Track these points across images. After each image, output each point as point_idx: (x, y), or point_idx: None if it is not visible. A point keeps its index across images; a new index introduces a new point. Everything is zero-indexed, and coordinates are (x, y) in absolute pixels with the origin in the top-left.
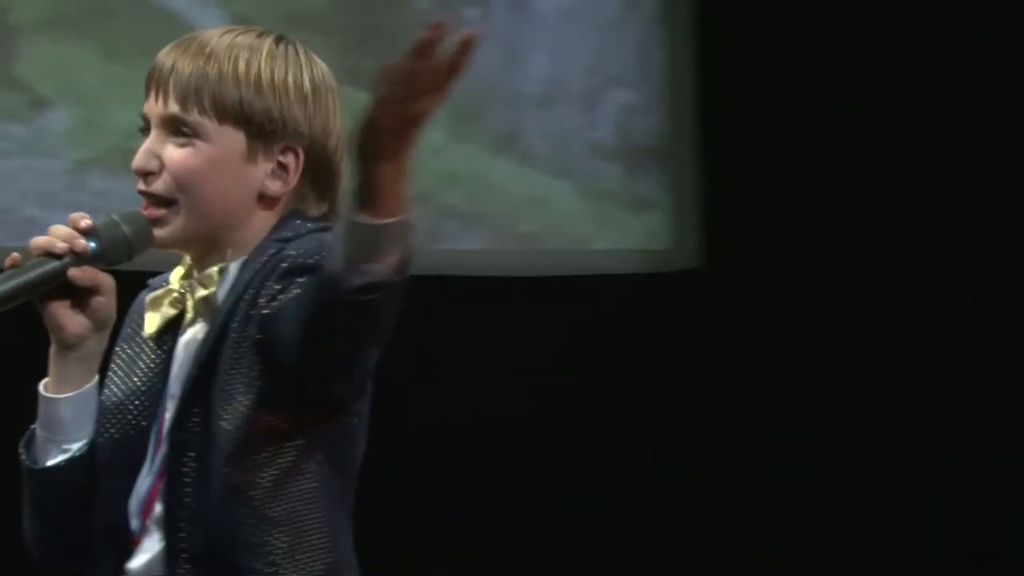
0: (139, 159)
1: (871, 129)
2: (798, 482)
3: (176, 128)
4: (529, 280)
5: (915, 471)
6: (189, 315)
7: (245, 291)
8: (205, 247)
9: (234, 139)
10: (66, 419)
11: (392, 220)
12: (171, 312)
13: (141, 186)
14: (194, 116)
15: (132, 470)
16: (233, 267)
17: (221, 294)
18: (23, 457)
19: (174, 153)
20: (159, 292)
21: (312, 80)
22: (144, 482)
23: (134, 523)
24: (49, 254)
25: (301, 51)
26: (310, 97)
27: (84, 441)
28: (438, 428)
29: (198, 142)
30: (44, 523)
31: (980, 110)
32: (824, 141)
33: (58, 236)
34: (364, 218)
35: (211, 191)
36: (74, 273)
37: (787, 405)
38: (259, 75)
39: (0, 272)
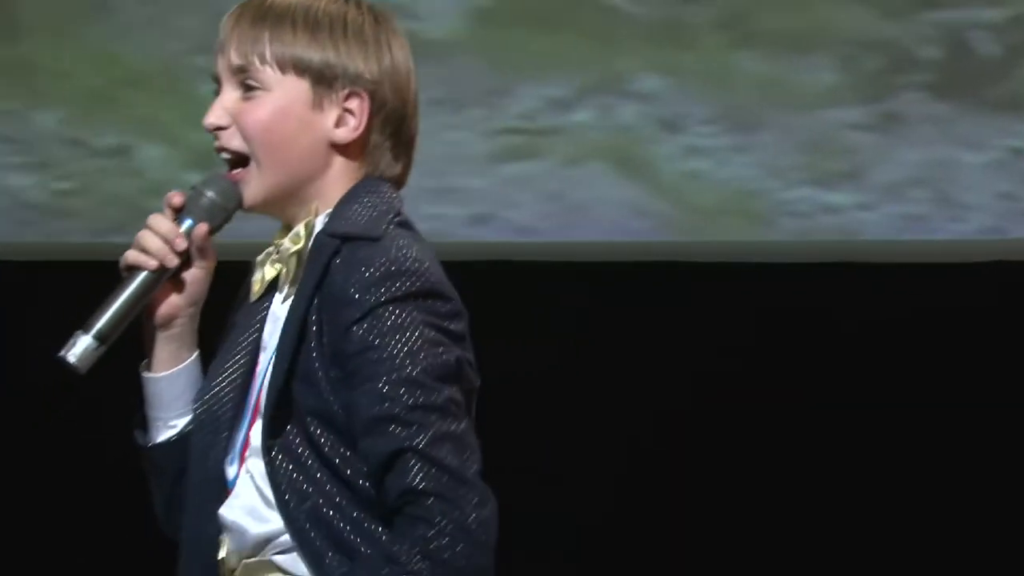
0: (209, 115)
1: None
2: None
3: (242, 82)
4: None
5: None
6: (284, 272)
7: (325, 273)
8: (291, 203)
9: (297, 87)
10: (168, 397)
11: None
12: (272, 272)
13: (216, 144)
14: (256, 67)
15: (225, 427)
16: (319, 221)
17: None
18: (136, 438)
19: (241, 105)
20: (262, 254)
21: (371, 26)
22: (239, 434)
23: (231, 472)
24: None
25: (364, 4)
26: (369, 43)
27: (190, 417)
28: None
29: (262, 93)
30: (165, 499)
31: None
32: None
33: (151, 248)
34: None
35: (280, 140)
36: (171, 262)
37: None
38: (316, 23)
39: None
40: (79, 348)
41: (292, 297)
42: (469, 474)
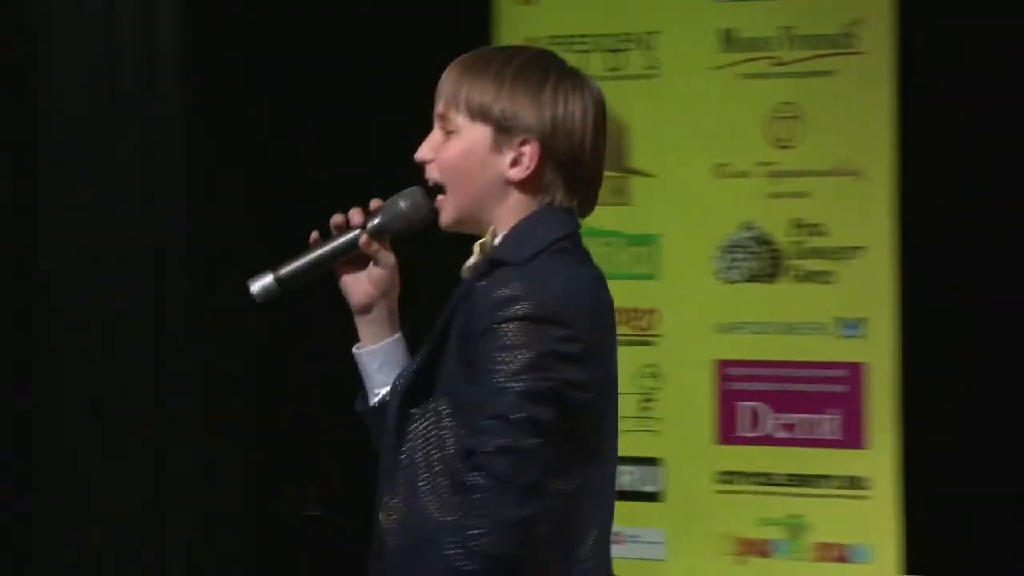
0: (419, 151)
1: None
2: None
3: (443, 125)
4: None
5: None
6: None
7: (470, 289)
8: (476, 226)
9: (482, 132)
10: (369, 370)
11: None
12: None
13: (425, 174)
14: (452, 114)
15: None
16: (488, 243)
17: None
18: (357, 408)
19: (439, 145)
20: (465, 266)
21: (551, 84)
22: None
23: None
24: (340, 229)
25: (555, 67)
26: (546, 98)
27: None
28: None
29: (455, 136)
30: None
31: None
32: None
33: (349, 216)
34: None
35: (464, 174)
36: (362, 242)
37: None
38: (501, 81)
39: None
40: (261, 284)
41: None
42: (520, 483)
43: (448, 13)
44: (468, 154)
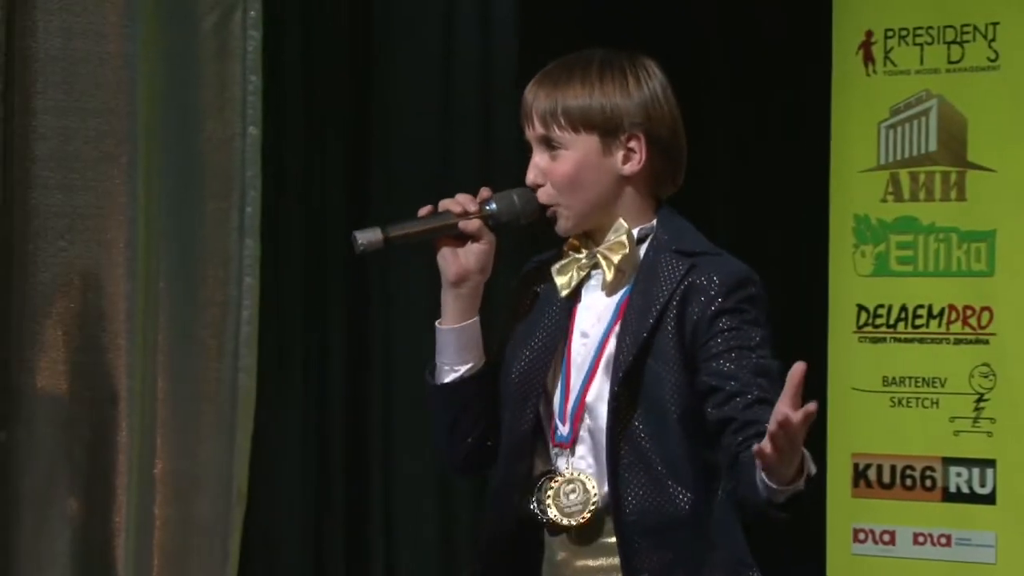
0: (529, 175)
1: None
2: None
3: (547, 145)
4: None
5: None
6: (608, 274)
7: (678, 285)
8: (594, 225)
9: (589, 141)
10: (454, 346)
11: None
12: (580, 275)
13: (538, 196)
14: (555, 132)
15: (536, 390)
16: (631, 234)
17: (628, 257)
18: (427, 378)
19: (550, 166)
20: (564, 262)
21: (632, 74)
22: (571, 397)
23: (564, 429)
24: (449, 211)
25: (624, 57)
26: (634, 90)
27: (471, 365)
28: None
29: (563, 151)
30: (444, 432)
31: None
32: None
33: (459, 200)
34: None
35: (582, 187)
36: (463, 224)
37: None
38: (591, 85)
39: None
40: (369, 236)
41: (627, 292)
42: None
43: (785, 4)
44: (582, 166)
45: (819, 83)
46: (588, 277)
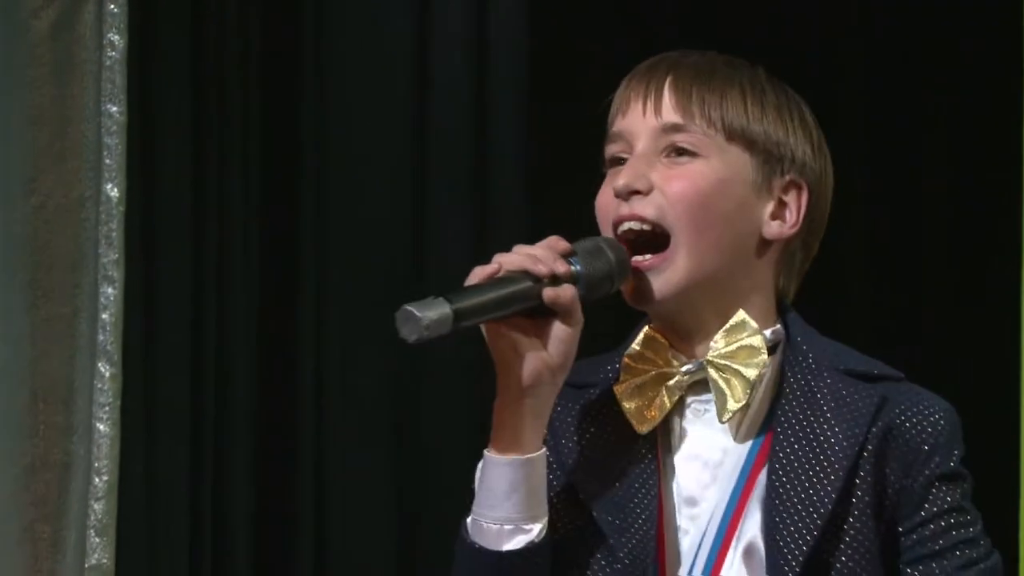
0: (624, 175)
1: None
2: None
3: (672, 144)
4: None
5: None
6: (732, 397)
7: (870, 426)
8: (703, 306)
9: (742, 161)
10: (523, 490)
11: None
12: (672, 400)
13: (620, 211)
14: (699, 128)
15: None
16: (763, 336)
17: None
18: (467, 540)
19: (672, 172)
20: (643, 379)
21: (811, 115)
22: None
23: None
24: (526, 274)
25: (781, 82)
26: (813, 131)
27: (542, 524)
28: None
29: (701, 159)
30: None
31: None
32: None
33: (537, 255)
34: None
35: (713, 218)
36: (551, 295)
37: None
38: (764, 95)
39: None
40: (431, 311)
41: (763, 431)
42: None
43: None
44: (727, 188)
45: None
46: (681, 403)
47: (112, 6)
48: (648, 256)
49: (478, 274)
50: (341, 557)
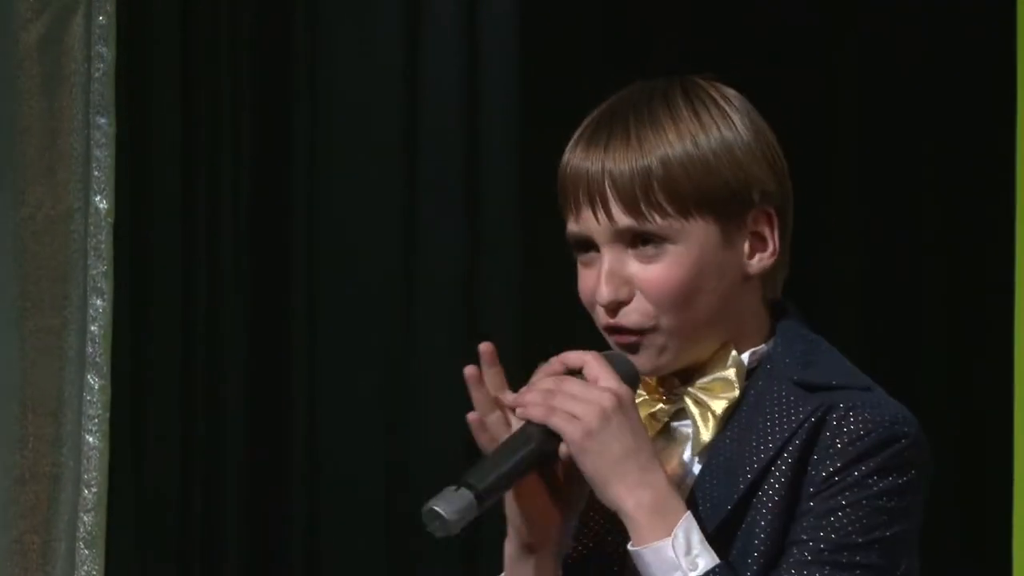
0: (605, 291)
1: None
2: None
3: (635, 235)
4: None
5: None
6: (704, 430)
7: (791, 436)
8: (695, 352)
9: (705, 230)
10: None
11: None
12: (655, 429)
13: (607, 320)
14: (655, 221)
15: None
16: (743, 366)
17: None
18: None
19: (647, 272)
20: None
21: (743, 121)
22: None
23: None
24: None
25: (706, 86)
26: (763, 142)
27: None
28: None
29: (670, 248)
30: None
31: None
32: None
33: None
34: None
35: (700, 296)
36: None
37: None
38: (706, 138)
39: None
40: (454, 502)
41: (717, 456)
42: None
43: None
44: (698, 269)
45: None
46: (667, 430)
47: (100, 18)
48: (632, 337)
49: (478, 431)
50: (333, 568)
